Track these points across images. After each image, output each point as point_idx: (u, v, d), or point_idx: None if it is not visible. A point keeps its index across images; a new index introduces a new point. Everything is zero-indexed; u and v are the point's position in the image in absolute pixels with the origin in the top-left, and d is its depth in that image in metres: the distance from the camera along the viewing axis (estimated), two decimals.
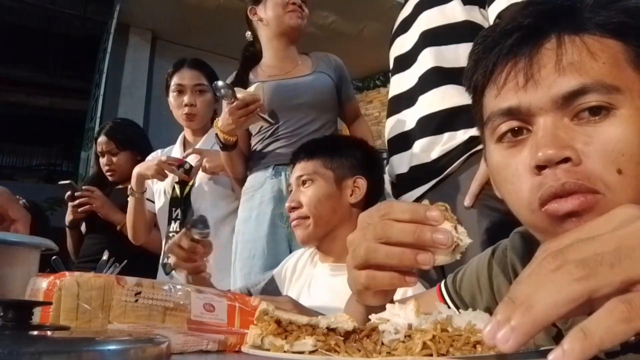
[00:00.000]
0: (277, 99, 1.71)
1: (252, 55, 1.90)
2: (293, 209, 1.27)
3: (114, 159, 2.17)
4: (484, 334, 0.30)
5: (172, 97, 1.94)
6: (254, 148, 1.78)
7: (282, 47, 1.82)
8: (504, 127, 0.54)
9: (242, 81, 1.80)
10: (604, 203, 0.47)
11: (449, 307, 0.74)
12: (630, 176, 0.47)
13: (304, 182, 1.28)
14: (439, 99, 1.27)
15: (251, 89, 1.63)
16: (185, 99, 1.90)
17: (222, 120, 1.59)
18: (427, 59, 1.31)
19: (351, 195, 1.28)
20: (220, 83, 1.57)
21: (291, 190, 1.33)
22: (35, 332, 0.41)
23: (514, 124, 0.53)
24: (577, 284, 0.28)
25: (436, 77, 1.29)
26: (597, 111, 0.49)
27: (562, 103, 0.50)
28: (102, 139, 2.20)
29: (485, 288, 0.72)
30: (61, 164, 9.70)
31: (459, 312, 0.46)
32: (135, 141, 2.22)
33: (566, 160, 0.48)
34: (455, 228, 0.47)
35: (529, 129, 0.53)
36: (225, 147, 1.66)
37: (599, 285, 0.28)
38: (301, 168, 1.30)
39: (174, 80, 1.94)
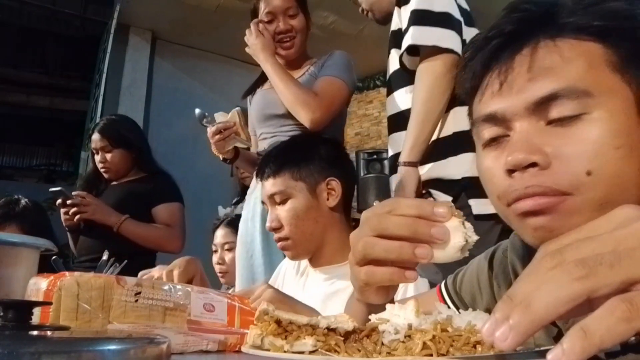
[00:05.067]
0: (254, 110, 1.82)
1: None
2: (274, 229, 1.22)
3: (108, 157, 2.15)
4: (482, 331, 0.30)
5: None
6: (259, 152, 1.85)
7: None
8: (486, 133, 0.56)
9: (256, 85, 1.88)
10: (571, 203, 0.49)
11: (449, 307, 0.74)
12: (600, 177, 0.48)
13: (278, 200, 1.22)
14: None
15: (228, 115, 1.73)
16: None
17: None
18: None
19: (328, 199, 1.23)
20: (198, 111, 1.69)
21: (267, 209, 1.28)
22: (35, 332, 0.41)
23: (494, 130, 0.55)
24: (576, 283, 0.28)
25: None
26: (569, 116, 0.50)
27: (535, 108, 0.51)
28: (95, 136, 2.17)
29: (486, 289, 0.72)
30: (61, 164, 9.69)
31: (459, 313, 0.46)
32: (129, 138, 2.18)
33: (534, 164, 0.50)
34: (463, 224, 0.47)
35: (509, 135, 0.54)
36: (225, 160, 1.80)
37: (598, 285, 0.28)
38: (271, 185, 1.23)
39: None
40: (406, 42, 1.35)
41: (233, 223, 2.02)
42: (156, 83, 4.48)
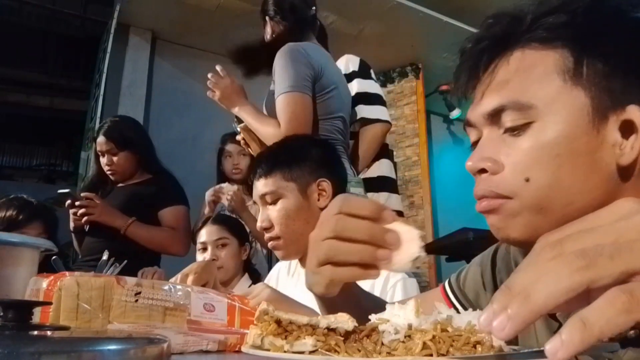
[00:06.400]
0: None
1: None
2: (265, 229, 1.23)
3: (115, 159, 2.16)
4: (480, 321, 0.30)
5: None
6: None
7: None
8: (470, 136, 0.62)
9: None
10: (511, 205, 0.54)
11: (454, 306, 0.74)
12: (537, 184, 0.53)
13: (269, 200, 1.24)
14: None
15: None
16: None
17: None
18: None
19: (319, 200, 1.24)
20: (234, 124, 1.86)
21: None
22: (35, 332, 0.41)
23: (474, 134, 0.60)
24: (576, 274, 0.28)
25: None
26: (516, 126, 0.54)
27: (489, 119, 0.57)
28: (101, 139, 2.18)
29: (489, 285, 0.73)
30: (61, 164, 9.68)
31: (463, 311, 0.46)
32: (134, 140, 2.20)
33: (484, 170, 0.56)
34: (420, 239, 0.49)
35: None
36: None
37: (598, 276, 0.28)
38: (262, 185, 1.25)
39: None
40: (359, 114, 1.95)
41: (220, 219, 2.02)
42: (156, 83, 4.47)
